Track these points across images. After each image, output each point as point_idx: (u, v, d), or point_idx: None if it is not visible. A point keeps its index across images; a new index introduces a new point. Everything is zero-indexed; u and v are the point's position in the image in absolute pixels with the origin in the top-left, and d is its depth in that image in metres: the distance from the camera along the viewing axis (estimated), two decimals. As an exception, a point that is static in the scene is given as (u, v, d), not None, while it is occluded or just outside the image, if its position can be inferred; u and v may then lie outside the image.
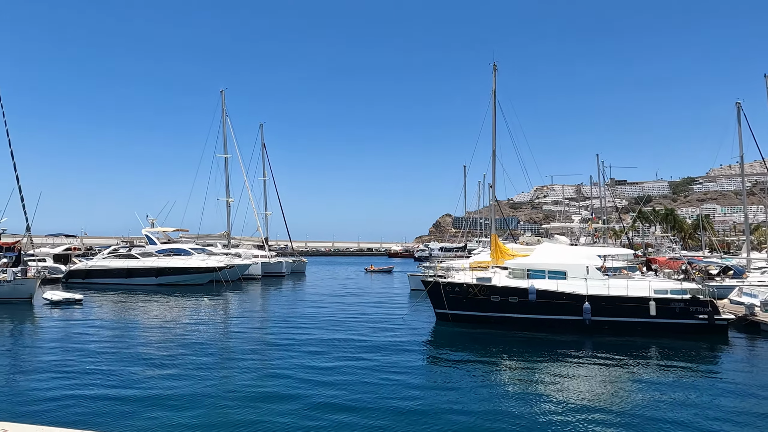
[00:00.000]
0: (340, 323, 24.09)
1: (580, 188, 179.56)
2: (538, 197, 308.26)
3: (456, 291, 24.02)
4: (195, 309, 30.18)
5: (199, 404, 11.78)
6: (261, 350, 18.16)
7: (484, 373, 15.63)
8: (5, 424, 5.66)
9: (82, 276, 45.09)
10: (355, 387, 13.48)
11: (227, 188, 57.79)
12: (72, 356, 16.76)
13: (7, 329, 22.76)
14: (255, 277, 51.53)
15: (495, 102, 38.48)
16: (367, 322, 24.70)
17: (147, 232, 49.56)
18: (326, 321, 24.73)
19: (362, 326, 23.34)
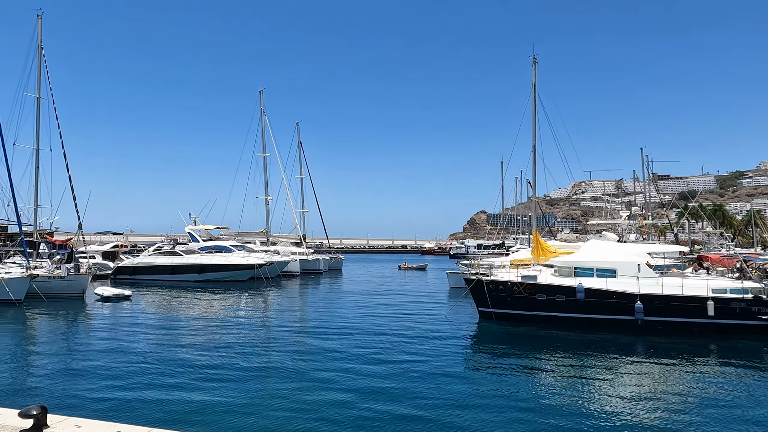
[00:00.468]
0: (381, 321, 23.99)
1: (621, 184, 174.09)
2: (576, 193, 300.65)
3: (500, 289, 23.54)
4: (238, 305, 30.71)
5: (250, 400, 11.86)
6: (305, 347, 18.24)
7: (531, 373, 15.21)
8: (79, 420, 5.73)
9: (129, 272, 46.64)
10: (398, 384, 13.35)
11: (266, 186, 58.76)
12: (124, 352, 17.25)
13: (62, 324, 23.69)
14: (293, 274, 52.14)
15: (535, 96, 37.60)
16: (409, 319, 24.51)
17: (190, 229, 50.80)
18: (367, 319, 24.68)
19: (404, 323, 23.18)
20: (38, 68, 35.50)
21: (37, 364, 15.40)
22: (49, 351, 17.38)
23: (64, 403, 11.30)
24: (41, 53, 35.32)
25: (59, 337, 20.03)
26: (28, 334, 21.20)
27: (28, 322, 24.00)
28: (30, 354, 17.11)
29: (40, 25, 35.40)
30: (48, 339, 19.86)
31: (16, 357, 16.60)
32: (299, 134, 69.58)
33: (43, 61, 35.31)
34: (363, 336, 20.07)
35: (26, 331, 21.80)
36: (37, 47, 35.33)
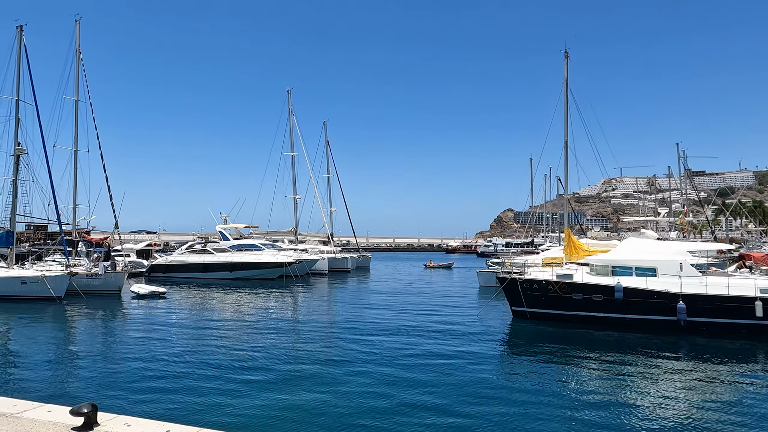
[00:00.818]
0: (412, 320, 23.79)
1: (653, 180, 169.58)
2: (606, 190, 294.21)
3: (534, 288, 23.04)
4: (269, 303, 30.96)
5: (283, 396, 11.83)
6: (337, 346, 18.17)
7: (568, 373, 14.77)
8: (128, 418, 5.71)
9: (163, 270, 47.64)
10: (430, 383, 13.14)
11: (294, 185, 59.22)
12: (161, 349, 17.50)
13: (101, 321, 24.28)
14: (322, 272, 52.39)
15: (567, 91, 36.75)
16: (440, 318, 24.25)
17: (221, 228, 51.59)
18: (398, 318, 24.51)
19: (435, 322, 22.93)
20: (76, 72, 36.59)
21: (78, 360, 15.76)
22: (90, 347, 17.80)
23: (106, 400, 11.47)
24: (79, 57, 36.36)
25: (99, 334, 20.52)
26: (70, 330, 21.78)
27: (69, 318, 24.68)
28: (72, 350, 17.53)
29: (78, 30, 36.44)
30: (88, 335, 20.37)
31: (60, 353, 17.04)
32: (326, 133, 69.94)
33: (81, 64, 36.37)
34: (394, 336, 19.91)
35: (67, 328, 22.40)
36: (75, 51, 36.39)
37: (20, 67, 31.33)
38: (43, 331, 21.02)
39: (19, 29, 31.81)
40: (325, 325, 22.65)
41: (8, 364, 15.23)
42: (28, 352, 16.88)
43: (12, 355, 16.41)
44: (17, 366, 14.77)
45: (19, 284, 29.31)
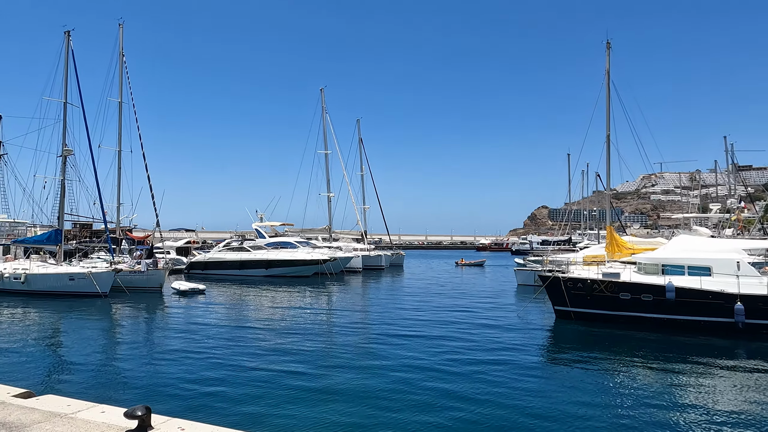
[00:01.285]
0: (450, 319, 23.34)
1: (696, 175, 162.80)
2: (645, 186, 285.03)
3: (579, 287, 22.23)
4: (305, 301, 31.02)
5: (324, 398, 11.64)
6: (374, 344, 17.92)
7: (615, 376, 14.05)
8: (182, 421, 5.56)
9: (201, 267, 48.57)
10: (471, 385, 12.73)
11: (328, 183, 59.46)
12: (204, 348, 17.65)
13: (145, 317, 24.78)
14: (356, 270, 52.40)
15: (609, 83, 35.54)
16: (479, 317, 23.72)
17: (257, 226, 52.25)
18: (435, 317, 24.09)
19: (474, 322, 22.42)
20: (120, 74, 37.61)
21: (124, 358, 15.99)
22: (136, 345, 18.13)
23: (153, 398, 11.55)
24: (122, 60, 37.40)
25: (143, 331, 20.87)
26: (116, 326, 22.26)
27: (114, 314, 25.28)
28: (118, 347, 17.86)
29: (122, 33, 37.46)
30: (133, 332, 20.76)
31: (107, 350, 17.37)
32: (359, 131, 69.95)
33: (124, 67, 37.38)
34: (433, 336, 19.52)
35: (113, 324, 22.91)
36: (119, 54, 37.43)
37: (68, 71, 32.38)
38: (91, 327, 21.57)
39: (67, 34, 32.86)
40: (362, 325, 22.44)
41: (59, 360, 15.62)
42: (77, 348, 17.29)
43: (62, 352, 16.84)
44: (67, 363, 15.10)
45: (68, 280, 30.32)
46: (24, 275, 30.54)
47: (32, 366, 14.41)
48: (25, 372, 13.66)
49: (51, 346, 17.47)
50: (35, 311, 25.22)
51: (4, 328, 20.73)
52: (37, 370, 14.00)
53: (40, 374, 13.50)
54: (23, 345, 17.39)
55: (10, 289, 31.09)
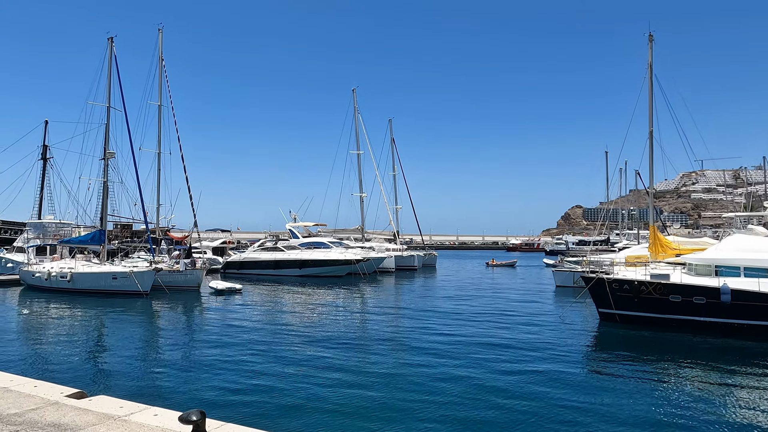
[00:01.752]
0: (488, 321, 22.77)
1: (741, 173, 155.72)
2: (685, 185, 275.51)
3: (625, 289, 21.34)
4: (340, 300, 30.97)
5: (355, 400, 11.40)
6: (412, 347, 17.58)
7: (667, 385, 13.28)
8: (236, 426, 5.39)
9: (237, 267, 49.26)
10: (512, 390, 12.29)
11: (360, 184, 59.43)
12: (244, 347, 17.71)
13: (185, 316, 25.15)
14: (389, 270, 52.18)
15: (651, 77, 34.29)
16: (518, 320, 23.06)
17: (290, 226, 52.67)
18: (472, 318, 23.56)
19: (513, 325, 21.78)
20: (159, 78, 38.49)
21: (170, 357, 16.12)
22: (179, 345, 18.30)
23: (201, 402, 11.55)
24: (162, 64, 38.27)
25: (186, 331, 20.92)
26: (159, 325, 22.61)
27: (157, 313, 25.75)
28: (163, 347, 18.05)
29: (161, 38, 38.35)
30: (176, 332, 20.96)
31: (152, 350, 17.58)
32: (392, 131, 69.63)
33: (163, 71, 38.24)
34: (471, 338, 19.06)
35: (156, 323, 23.29)
36: (159, 58, 38.31)
37: (110, 76, 33.30)
38: (135, 326, 21.98)
39: (110, 41, 33.80)
40: (398, 327, 22.12)
41: (106, 359, 15.88)
42: (123, 347, 17.57)
43: (109, 351, 17.14)
44: (115, 362, 15.31)
45: (111, 279, 31.14)
46: (70, 274, 31.53)
47: (80, 364, 14.69)
48: (73, 370, 13.93)
49: (98, 345, 17.85)
50: (81, 309, 25.95)
51: (53, 326, 21.36)
52: (86, 368, 14.25)
53: (89, 373, 13.72)
54: (71, 343, 17.83)
55: (57, 287, 32.16)
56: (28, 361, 14.94)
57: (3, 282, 36.80)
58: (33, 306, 27.14)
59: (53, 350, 16.51)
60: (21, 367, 13.95)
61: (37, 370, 13.64)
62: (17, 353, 16.06)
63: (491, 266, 65.92)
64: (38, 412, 5.92)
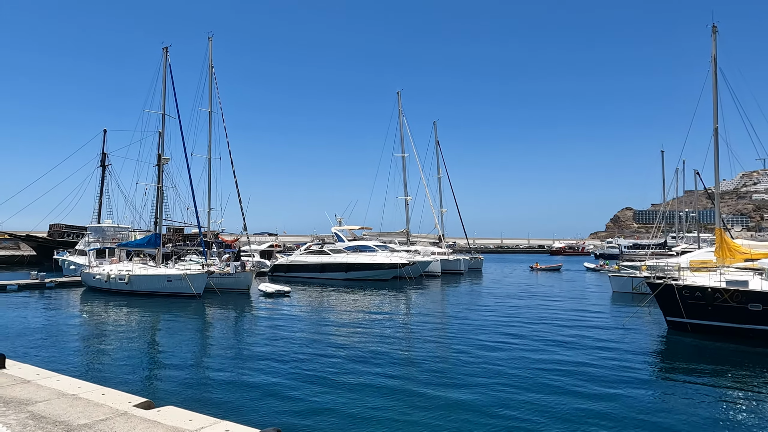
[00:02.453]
0: (542, 329, 21.71)
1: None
2: (746, 185, 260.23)
3: (697, 296, 19.88)
4: (388, 305, 30.54)
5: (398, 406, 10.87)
6: (463, 356, 16.90)
7: (745, 400, 12.03)
8: None
9: (284, 270, 49.80)
10: (573, 406, 11.44)
11: (405, 187, 59.00)
12: (297, 354, 17.54)
13: (239, 318, 25.34)
14: (435, 274, 51.43)
15: (716, 71, 32.27)
16: (576, 328, 21.90)
17: (336, 230, 52.81)
18: (525, 326, 22.52)
19: (571, 333, 20.65)
20: (209, 85, 39.47)
21: (229, 365, 15.94)
22: (238, 351, 18.26)
23: (266, 417, 11.35)
24: (212, 71, 39.23)
25: (241, 335, 20.64)
26: (215, 329, 22.74)
27: (212, 316, 26.04)
28: (222, 353, 18.00)
29: (211, 46, 39.35)
30: (233, 337, 20.95)
31: (213, 355, 17.56)
32: (436, 133, 68.94)
33: (213, 78, 39.19)
34: (526, 346, 18.19)
35: (212, 326, 23.47)
36: (209, 66, 39.30)
37: (165, 84, 34.35)
38: (192, 329, 22.26)
39: (165, 50, 34.89)
40: (448, 334, 21.39)
41: (167, 364, 15.95)
42: (182, 352, 17.67)
43: (168, 355, 17.24)
44: (176, 367, 15.26)
45: (165, 281, 31.97)
46: (128, 276, 32.60)
47: (142, 369, 14.80)
48: (135, 375, 14.05)
49: (157, 349, 18.06)
50: (138, 310, 26.67)
51: (113, 328, 21.97)
52: (147, 374, 14.32)
53: (151, 379, 13.74)
54: (131, 346, 18.17)
55: (115, 289, 33.32)
56: (92, 364, 15.22)
57: (66, 283, 38.54)
58: (93, 307, 28.14)
59: (114, 353, 16.83)
60: (84, 370, 14.23)
61: (100, 374, 13.80)
62: (80, 355, 16.48)
63: (535, 270, 63.97)
64: (108, 423, 5.76)
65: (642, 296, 33.09)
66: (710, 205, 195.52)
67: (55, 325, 22.07)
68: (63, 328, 21.18)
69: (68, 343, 18.26)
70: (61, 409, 6.48)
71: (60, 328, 21.32)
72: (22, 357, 14.11)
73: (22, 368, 9.09)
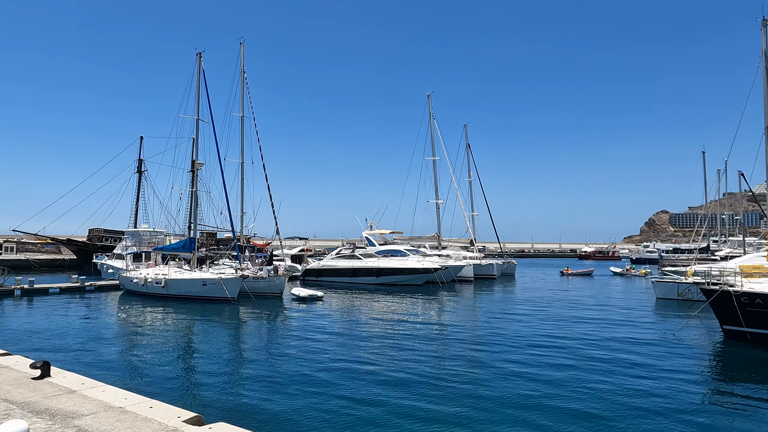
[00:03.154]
0: (587, 339, 20.66)
1: None
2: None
3: (758, 303, 18.65)
4: (422, 311, 29.92)
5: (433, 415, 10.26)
6: (502, 365, 16.15)
7: None
8: None
9: (316, 274, 49.74)
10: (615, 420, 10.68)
11: (436, 190, 58.32)
12: (334, 361, 17.14)
13: (275, 324, 25.11)
14: (467, 279, 50.51)
15: (767, 65, 30.72)
16: (622, 338, 20.76)
17: (367, 234, 52.51)
18: (569, 336, 21.49)
19: (617, 344, 19.55)
20: (241, 90, 39.73)
21: (271, 375, 15.52)
22: (276, 361, 17.99)
23: (300, 414, 10.95)
24: (244, 76, 39.47)
25: (280, 344, 20.11)
26: (252, 335, 22.46)
27: (248, 321, 25.87)
28: (263, 363, 17.68)
29: (242, 51, 39.64)
30: (270, 345, 20.57)
31: (254, 365, 17.26)
32: (467, 136, 68.14)
33: (245, 83, 39.43)
34: (570, 357, 17.31)
35: (249, 332, 23.26)
36: (241, 71, 39.58)
37: (199, 90, 34.71)
38: (230, 335, 22.12)
39: (199, 56, 35.30)
40: (488, 345, 20.62)
41: (210, 373, 15.65)
42: (223, 359, 17.39)
43: (210, 363, 16.93)
44: (219, 376, 14.90)
45: (200, 285, 32.16)
46: (164, 280, 32.94)
47: (185, 378, 14.48)
48: (179, 384, 13.80)
49: (197, 356, 17.76)
50: (175, 315, 26.81)
51: (151, 333, 22.03)
52: (191, 384, 13.98)
53: (196, 390, 13.23)
54: (172, 353, 18.05)
55: (152, 293, 33.73)
56: (134, 371, 15.02)
57: (105, 287, 39.31)
58: (131, 311, 28.45)
59: (155, 360, 16.70)
60: (127, 377, 14.09)
61: (143, 382, 13.61)
62: (122, 361, 16.40)
63: (566, 275, 62.23)
64: (158, 440, 5.42)
65: (688, 303, 31.56)
66: (752, 208, 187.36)
67: (95, 328, 22.30)
68: (103, 333, 21.35)
69: (109, 348, 18.32)
70: (108, 424, 6.21)
71: (100, 332, 21.51)
72: (63, 363, 14.14)
73: (67, 377, 8.94)
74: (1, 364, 10.07)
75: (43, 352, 16.99)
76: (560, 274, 63.25)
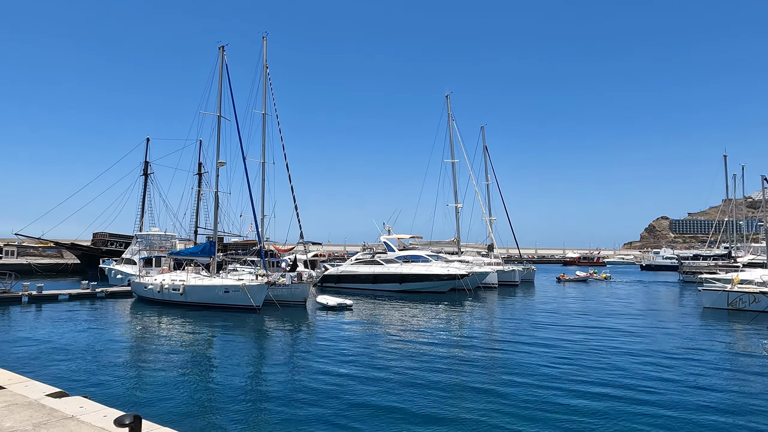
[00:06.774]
0: (636, 353, 18.64)
1: None
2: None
3: None
4: (458, 322, 27.87)
5: None
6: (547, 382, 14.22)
7: None
8: None
9: (334, 280, 47.69)
10: None
11: (455, 194, 56.39)
12: (373, 383, 15.21)
13: (302, 336, 23.07)
14: (491, 286, 48.57)
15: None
16: (671, 353, 18.66)
17: (385, 239, 50.55)
18: (614, 349, 19.40)
19: (666, 360, 17.46)
20: (264, 86, 37.77)
21: (315, 401, 13.79)
22: (315, 384, 16.06)
23: None
24: (266, 72, 37.54)
25: (319, 362, 18.12)
26: (284, 352, 20.31)
27: (274, 334, 23.66)
28: (300, 385, 15.67)
29: (265, 46, 37.70)
30: (307, 362, 18.73)
31: (290, 389, 15.36)
32: (484, 138, 66.29)
33: (267, 79, 37.50)
34: (622, 373, 15.42)
35: (280, 348, 21.11)
36: (263, 66, 37.64)
37: (222, 85, 32.77)
38: (258, 350, 20.15)
39: (221, 50, 33.38)
40: (537, 361, 18.65)
41: (247, 401, 13.83)
42: (259, 380, 15.53)
43: (246, 387, 15.01)
44: (260, 402, 13.21)
45: (222, 293, 30.06)
46: (183, 287, 30.84)
47: (222, 406, 12.59)
48: (216, 413, 11.89)
49: (229, 378, 15.50)
50: (197, 326, 24.65)
51: (175, 348, 19.93)
52: (230, 414, 12.11)
53: (236, 421, 11.53)
54: (202, 374, 16.01)
55: (169, 300, 31.60)
56: (169, 399, 12.95)
57: (116, 293, 37.17)
58: (150, 321, 26.29)
59: (187, 383, 14.60)
60: (158, 405, 12.08)
61: (178, 413, 11.60)
62: (149, 384, 14.20)
63: (562, 281, 60.46)
64: None
65: (740, 313, 29.76)
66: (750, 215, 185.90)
67: (120, 346, 20.05)
68: (130, 351, 19.02)
69: (144, 371, 15.93)
70: None
71: (126, 350, 19.26)
72: (106, 396, 12.16)
73: None
74: (63, 413, 7.36)
75: (70, 379, 14.55)
76: (557, 281, 61.25)
